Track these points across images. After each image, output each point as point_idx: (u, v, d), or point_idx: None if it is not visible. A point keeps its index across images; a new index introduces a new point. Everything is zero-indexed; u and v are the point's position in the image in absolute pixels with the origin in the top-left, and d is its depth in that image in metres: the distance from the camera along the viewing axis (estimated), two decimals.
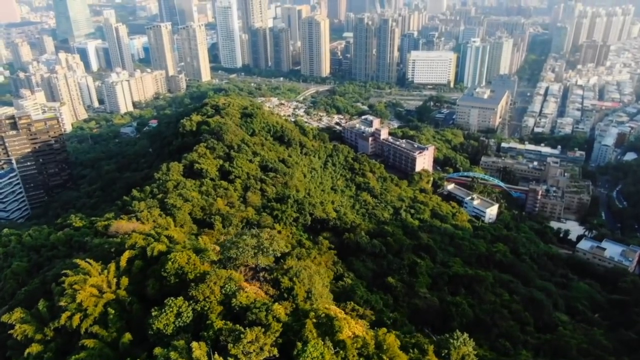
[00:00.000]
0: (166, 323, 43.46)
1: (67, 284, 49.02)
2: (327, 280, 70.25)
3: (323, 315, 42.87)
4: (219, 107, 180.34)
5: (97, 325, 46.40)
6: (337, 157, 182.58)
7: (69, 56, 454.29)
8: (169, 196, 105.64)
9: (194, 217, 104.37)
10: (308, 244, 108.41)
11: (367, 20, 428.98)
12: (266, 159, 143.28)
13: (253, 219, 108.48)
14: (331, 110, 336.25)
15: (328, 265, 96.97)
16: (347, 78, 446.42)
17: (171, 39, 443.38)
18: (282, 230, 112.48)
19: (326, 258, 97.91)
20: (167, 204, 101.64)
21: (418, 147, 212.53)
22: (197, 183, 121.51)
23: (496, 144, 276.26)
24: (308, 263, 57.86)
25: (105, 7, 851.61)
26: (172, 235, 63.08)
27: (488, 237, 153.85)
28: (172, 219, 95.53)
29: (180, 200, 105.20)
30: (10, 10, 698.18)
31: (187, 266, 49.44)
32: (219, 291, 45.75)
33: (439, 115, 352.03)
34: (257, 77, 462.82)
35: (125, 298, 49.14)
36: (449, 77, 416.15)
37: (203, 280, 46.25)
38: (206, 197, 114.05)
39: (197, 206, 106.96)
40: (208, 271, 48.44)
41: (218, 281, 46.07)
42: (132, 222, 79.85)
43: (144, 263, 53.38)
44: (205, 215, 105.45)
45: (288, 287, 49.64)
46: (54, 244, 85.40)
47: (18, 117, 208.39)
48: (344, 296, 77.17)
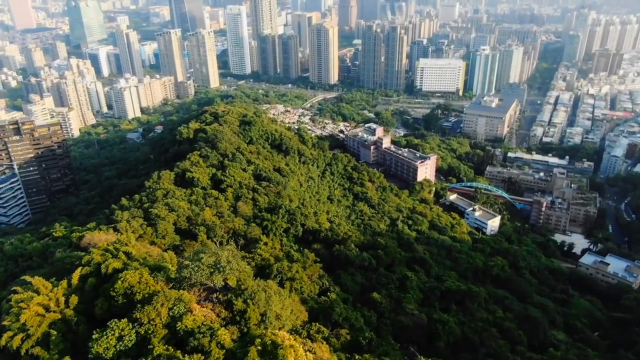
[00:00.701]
0: (106, 347, 41.64)
1: (14, 302, 47.50)
2: (295, 300, 67.96)
3: (269, 342, 40.63)
4: (218, 115, 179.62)
5: (39, 347, 44.71)
6: (336, 166, 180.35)
7: (80, 62, 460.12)
8: (155, 206, 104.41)
9: (178, 228, 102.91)
10: (297, 255, 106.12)
11: (375, 28, 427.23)
12: (260, 168, 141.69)
13: (240, 230, 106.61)
14: (337, 117, 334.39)
15: (313, 279, 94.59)
16: (356, 85, 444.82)
17: (181, 46, 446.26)
18: (271, 241, 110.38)
19: (311, 271, 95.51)
20: (151, 214, 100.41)
21: (420, 156, 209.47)
22: (188, 192, 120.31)
23: (502, 154, 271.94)
24: (269, 283, 55.39)
25: (120, 14, 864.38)
26: (131, 252, 61.19)
27: (487, 250, 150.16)
28: (154, 230, 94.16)
29: (165, 210, 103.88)
30: (27, 17, 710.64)
31: (137, 285, 47.66)
32: (166, 313, 43.82)
33: (447, 123, 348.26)
34: (266, 84, 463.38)
35: (72, 318, 47.47)
36: (458, 85, 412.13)
37: (150, 302, 44.31)
38: (195, 207, 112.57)
39: (183, 216, 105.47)
40: (157, 291, 46.54)
41: (166, 303, 44.17)
42: (108, 234, 78.50)
43: (98, 280, 51.75)
44: (191, 226, 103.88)
45: (241, 309, 47.52)
46: (30, 254, 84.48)
47: (21, 123, 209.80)
48: (322, 313, 74.74)
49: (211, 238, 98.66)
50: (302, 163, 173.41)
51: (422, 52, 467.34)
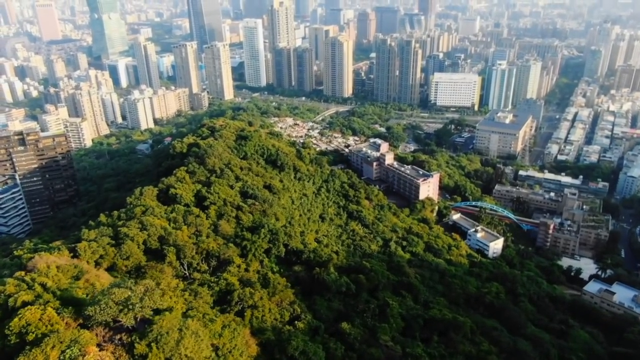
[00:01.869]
0: None
1: None
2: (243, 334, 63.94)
3: None
4: (215, 129, 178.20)
5: None
6: (333, 183, 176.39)
7: (99, 73, 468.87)
8: (127, 224, 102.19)
9: (149, 248, 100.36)
10: (274, 278, 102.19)
11: (390, 42, 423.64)
12: (248, 185, 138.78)
13: (214, 251, 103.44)
14: (347, 131, 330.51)
15: (283, 305, 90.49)
16: (369, 99, 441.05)
17: (196, 58, 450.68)
18: (246, 263, 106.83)
19: (283, 297, 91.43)
20: (120, 233, 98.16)
21: (423, 174, 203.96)
22: (169, 209, 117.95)
23: (513, 172, 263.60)
24: (188, 322, 51.61)
25: (143, 26, 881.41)
26: (46, 282, 58.29)
27: (484, 275, 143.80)
28: (118, 251, 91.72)
29: (137, 229, 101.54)
30: (53, 28, 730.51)
31: (35, 324, 44.59)
32: (57, 357, 40.63)
33: (459, 139, 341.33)
34: (280, 97, 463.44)
35: None
36: (474, 100, 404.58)
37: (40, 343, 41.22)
38: (173, 225, 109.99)
39: (155, 235, 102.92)
40: (52, 332, 43.42)
41: (58, 345, 41.04)
42: (60, 256, 76.11)
43: (4, 314, 48.98)
44: (163, 246, 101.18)
45: (142, 353, 44.03)
46: None
47: (26, 134, 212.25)
48: (278, 346, 70.59)
49: (180, 259, 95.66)
50: (297, 179, 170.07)
51: (437, 66, 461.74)
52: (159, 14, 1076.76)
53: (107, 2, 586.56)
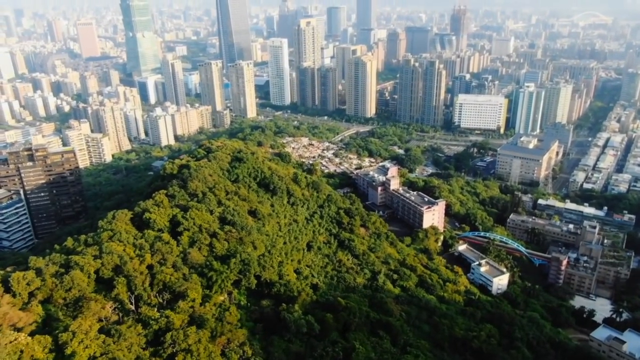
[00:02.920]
0: None
1: None
2: None
3: None
4: (211, 150, 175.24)
5: None
6: (329, 208, 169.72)
7: (127, 89, 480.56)
8: (85, 250, 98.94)
9: (101, 277, 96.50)
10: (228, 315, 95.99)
11: (413, 62, 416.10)
12: (228, 211, 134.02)
13: (171, 282, 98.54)
14: (363, 152, 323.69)
15: (231, 347, 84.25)
16: (392, 119, 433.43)
17: (221, 76, 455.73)
18: (212, 295, 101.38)
19: (229, 337, 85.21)
20: (70, 262, 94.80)
21: (428, 200, 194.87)
22: (139, 235, 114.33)
23: (532, 201, 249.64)
24: None
25: (179, 44, 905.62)
26: None
27: (478, 315, 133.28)
28: (60, 282, 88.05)
29: (90, 257, 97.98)
30: (92, 46, 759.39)
31: None
32: None
33: (481, 163, 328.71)
34: (302, 115, 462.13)
35: None
36: (499, 122, 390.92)
37: None
38: (138, 252, 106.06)
39: (110, 264, 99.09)
40: None
41: None
42: None
43: None
44: (117, 275, 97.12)
45: None
46: None
47: (35, 150, 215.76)
48: None
49: (131, 290, 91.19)
50: (290, 204, 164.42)
51: (464, 87, 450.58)
52: (196, 33, 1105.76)
53: (141, 21, 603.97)
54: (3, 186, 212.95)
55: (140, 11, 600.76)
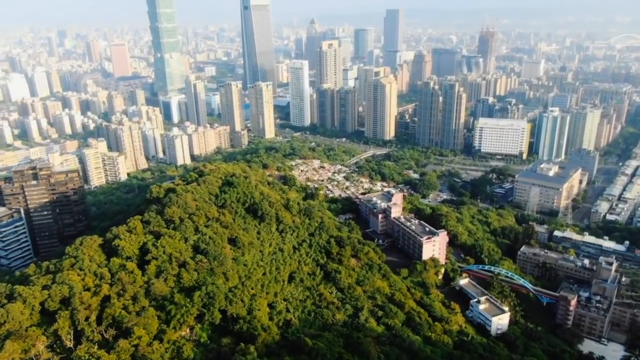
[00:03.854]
0: None
1: None
2: None
3: None
4: (203, 173, 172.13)
5: None
6: (320, 237, 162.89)
7: (150, 109, 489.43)
8: (34, 279, 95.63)
9: (46, 309, 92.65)
10: (187, 353, 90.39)
11: (432, 84, 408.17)
12: (202, 239, 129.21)
13: (120, 317, 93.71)
14: (375, 176, 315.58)
15: None
16: (411, 142, 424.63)
17: (240, 97, 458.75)
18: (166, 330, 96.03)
19: None
20: (15, 292, 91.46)
21: (429, 230, 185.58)
22: (104, 262, 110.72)
23: (548, 232, 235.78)
24: None
25: (208, 64, 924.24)
26: None
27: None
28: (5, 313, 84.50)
29: (38, 287, 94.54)
30: (124, 65, 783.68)
31: None
32: None
33: (499, 190, 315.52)
34: (321, 137, 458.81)
35: None
36: (522, 148, 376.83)
37: None
38: (98, 281, 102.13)
39: (57, 295, 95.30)
40: None
41: None
42: None
43: None
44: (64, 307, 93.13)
45: None
46: None
47: (39, 169, 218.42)
48: None
49: (75, 323, 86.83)
50: (279, 231, 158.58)
51: (486, 110, 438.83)
52: (227, 54, 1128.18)
53: (169, 43, 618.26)
54: (7, 204, 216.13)
55: (168, 33, 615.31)
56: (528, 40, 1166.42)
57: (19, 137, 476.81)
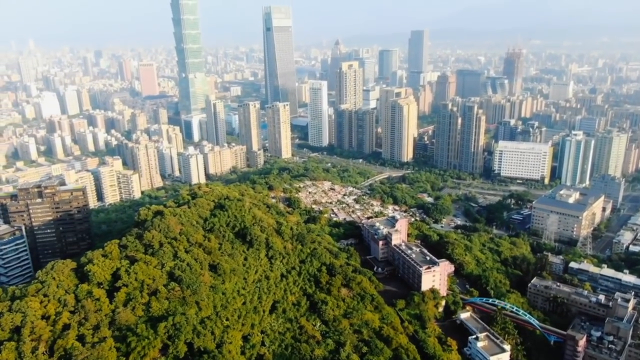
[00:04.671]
0: None
1: None
2: None
3: None
4: (196, 195, 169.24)
5: None
6: (311, 264, 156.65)
7: (170, 127, 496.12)
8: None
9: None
10: None
11: (451, 106, 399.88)
12: (179, 265, 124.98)
13: (72, 349, 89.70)
14: (387, 199, 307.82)
15: None
16: (429, 165, 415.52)
17: (258, 117, 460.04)
18: None
19: None
20: None
21: (430, 260, 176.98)
22: (71, 289, 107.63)
23: (564, 263, 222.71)
24: None
25: (234, 84, 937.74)
26: None
27: None
28: None
29: None
30: (152, 85, 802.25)
31: None
32: None
33: (517, 216, 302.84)
34: (337, 157, 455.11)
35: None
36: (543, 172, 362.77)
37: None
38: (61, 308, 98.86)
39: (8, 325, 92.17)
40: None
41: None
42: None
43: None
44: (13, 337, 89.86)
45: None
46: None
47: (44, 187, 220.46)
48: None
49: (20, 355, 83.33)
50: (268, 257, 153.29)
51: (508, 132, 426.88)
52: (254, 74, 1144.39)
53: (194, 63, 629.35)
54: (12, 221, 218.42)
55: (193, 54, 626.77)
56: (559, 62, 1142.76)
57: (44, 153, 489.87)
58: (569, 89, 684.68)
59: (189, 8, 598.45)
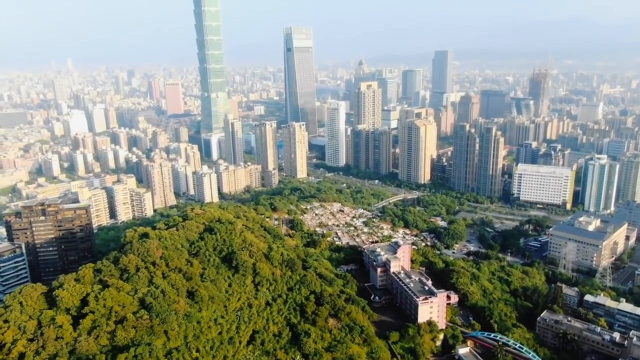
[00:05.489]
0: None
1: None
2: None
3: None
4: (187, 217, 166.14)
5: None
6: (299, 292, 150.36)
7: (188, 146, 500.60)
8: None
9: None
10: None
11: (468, 127, 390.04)
12: (152, 292, 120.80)
13: None
14: (398, 223, 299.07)
15: None
16: (446, 187, 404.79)
17: (274, 136, 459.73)
18: None
19: None
20: None
21: (428, 290, 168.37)
22: (36, 315, 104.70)
23: (578, 296, 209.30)
24: None
25: (258, 103, 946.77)
26: None
27: None
28: None
29: None
30: (177, 103, 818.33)
31: None
32: None
33: (534, 243, 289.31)
34: (353, 178, 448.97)
35: None
36: (565, 197, 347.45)
37: None
38: (19, 336, 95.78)
39: None
40: None
41: None
42: None
43: None
44: None
45: None
46: None
47: (47, 205, 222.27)
48: None
49: None
50: (255, 284, 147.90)
51: (529, 155, 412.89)
52: (279, 93, 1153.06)
53: (216, 83, 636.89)
54: (16, 238, 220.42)
55: (216, 73, 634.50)
56: (590, 82, 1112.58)
57: (67, 170, 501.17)
58: (598, 111, 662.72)
59: (212, 29, 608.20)
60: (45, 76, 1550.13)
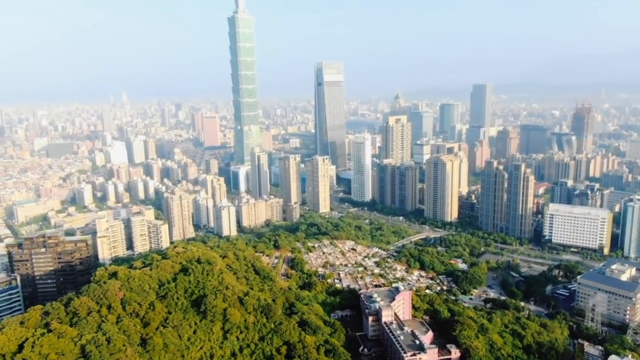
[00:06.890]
0: None
1: None
2: None
3: None
4: (166, 256, 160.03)
5: None
6: (271, 342, 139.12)
7: (215, 178, 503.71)
8: None
9: None
10: None
11: (496, 164, 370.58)
12: (97, 339, 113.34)
13: None
14: (414, 264, 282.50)
15: None
16: (474, 226, 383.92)
17: (297, 170, 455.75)
18: None
19: None
20: None
21: (419, 345, 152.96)
22: None
23: (602, 355, 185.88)
24: None
25: (293, 136, 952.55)
26: None
27: None
28: None
29: None
30: (214, 136, 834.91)
31: None
32: None
33: (562, 291, 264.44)
34: (377, 213, 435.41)
35: None
36: (602, 241, 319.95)
37: None
38: None
39: None
40: None
41: None
42: None
43: None
44: None
45: None
46: None
47: (48, 237, 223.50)
48: None
49: None
50: (223, 331, 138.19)
51: (565, 194, 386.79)
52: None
53: (249, 116, 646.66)
54: (16, 270, 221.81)
55: (249, 107, 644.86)
56: None
57: (100, 200, 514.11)
58: None
59: (246, 64, 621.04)
60: (100, 109, 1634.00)
